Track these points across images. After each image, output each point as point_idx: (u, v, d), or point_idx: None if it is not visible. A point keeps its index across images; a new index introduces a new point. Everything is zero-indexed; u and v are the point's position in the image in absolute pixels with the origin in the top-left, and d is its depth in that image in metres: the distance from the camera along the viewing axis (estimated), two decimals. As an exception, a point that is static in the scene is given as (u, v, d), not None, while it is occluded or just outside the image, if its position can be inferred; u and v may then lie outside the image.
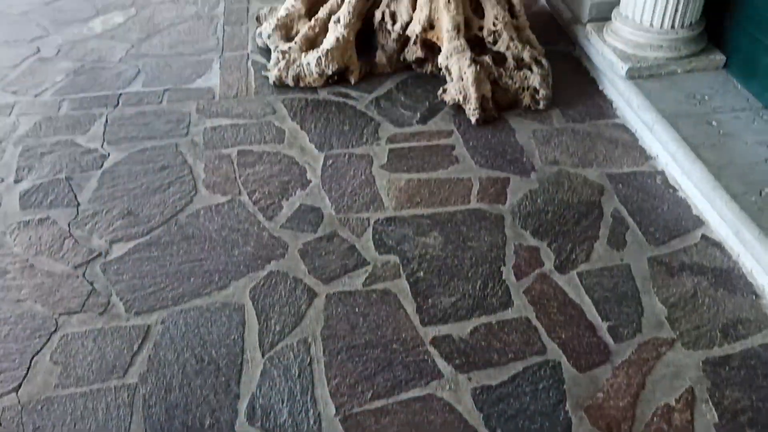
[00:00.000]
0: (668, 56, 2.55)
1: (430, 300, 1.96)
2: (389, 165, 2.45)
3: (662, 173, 2.35)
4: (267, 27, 3.04)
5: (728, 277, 1.99)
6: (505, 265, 2.06)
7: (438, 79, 2.81)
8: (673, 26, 2.51)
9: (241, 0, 3.52)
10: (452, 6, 2.66)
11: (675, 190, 2.28)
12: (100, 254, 2.12)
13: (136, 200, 2.31)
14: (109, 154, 2.51)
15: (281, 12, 3.04)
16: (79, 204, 2.30)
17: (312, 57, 2.80)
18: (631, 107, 2.51)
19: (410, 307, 1.95)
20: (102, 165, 2.46)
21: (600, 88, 2.76)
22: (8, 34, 3.24)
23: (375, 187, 2.35)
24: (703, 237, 2.12)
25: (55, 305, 1.96)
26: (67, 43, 3.17)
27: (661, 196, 2.26)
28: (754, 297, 1.93)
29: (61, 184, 2.38)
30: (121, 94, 2.82)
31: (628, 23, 2.59)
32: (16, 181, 2.39)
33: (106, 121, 2.67)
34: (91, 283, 2.02)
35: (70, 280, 2.04)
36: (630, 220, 2.18)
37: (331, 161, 2.47)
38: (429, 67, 2.90)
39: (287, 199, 2.31)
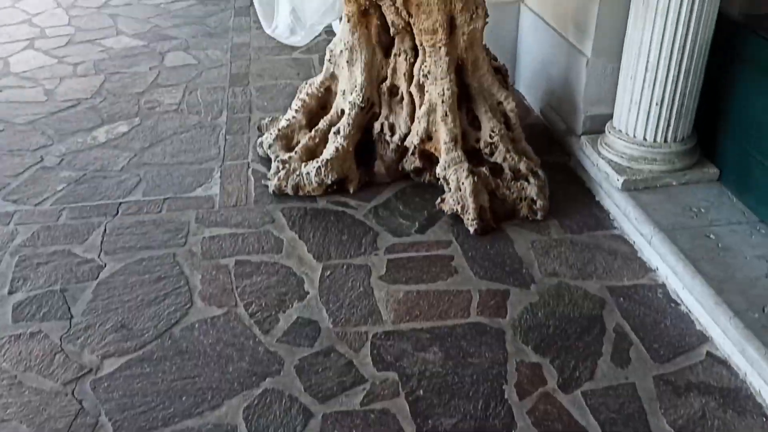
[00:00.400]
0: (663, 169, 2.59)
1: (430, 421, 1.89)
2: (388, 276, 2.43)
3: (663, 287, 2.33)
4: (268, 137, 3.10)
5: (736, 397, 1.93)
6: (507, 383, 2.00)
7: (436, 188, 2.84)
8: (666, 140, 2.57)
9: (243, 110, 3.60)
10: (449, 119, 2.73)
11: (677, 304, 2.26)
12: (90, 370, 2.06)
13: (131, 313, 2.28)
14: (105, 265, 2.49)
15: (282, 123, 3.11)
16: (72, 317, 2.26)
17: (312, 167, 2.84)
18: (629, 219, 2.52)
19: (409, 428, 1.88)
20: (98, 276, 2.44)
21: (597, 198, 2.78)
22: (13, 144, 3.29)
23: (373, 299, 2.33)
24: (709, 354, 2.08)
25: (41, 426, 1.89)
26: (70, 152, 3.22)
27: (663, 311, 2.23)
28: (764, 419, 1.87)
29: (56, 296, 2.35)
30: (120, 203, 2.83)
31: (622, 137, 2.65)
32: (10, 293, 2.37)
33: (105, 230, 2.67)
34: (80, 402, 1.96)
35: (58, 398, 1.97)
36: (633, 335, 2.14)
37: (329, 272, 2.45)
38: (427, 177, 2.94)
39: (284, 312, 2.28)
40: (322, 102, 3.10)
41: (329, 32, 4.02)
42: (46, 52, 4.35)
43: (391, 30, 2.81)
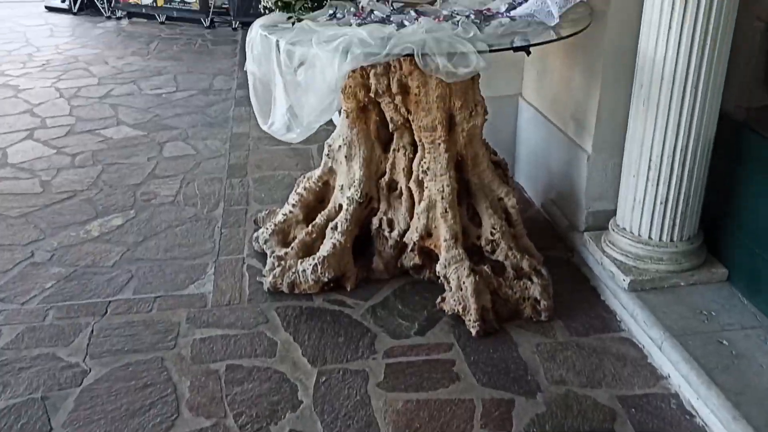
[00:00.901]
0: (670, 269, 2.51)
1: None
2: (386, 383, 2.31)
3: (676, 396, 2.21)
4: (264, 232, 3.03)
5: None
6: (514, 507, 1.86)
7: (436, 285, 2.75)
8: (672, 239, 2.50)
9: (240, 202, 3.56)
10: (449, 216, 2.67)
11: (692, 416, 2.13)
12: (66, 491, 1.93)
13: (114, 424, 2.15)
14: (90, 370, 2.38)
15: (279, 217, 3.05)
16: (51, 429, 2.14)
17: (308, 264, 2.76)
18: (637, 322, 2.43)
19: None
20: (81, 382, 2.32)
21: (602, 298, 2.69)
22: (5, 238, 3.22)
23: (371, 409, 2.20)
24: (729, 473, 1.94)
25: None
26: (62, 247, 3.15)
27: (678, 424, 2.11)
28: None
29: (36, 405, 2.23)
30: (110, 302, 2.74)
31: (626, 235, 2.59)
32: (-12, 402, 2.25)
33: (92, 331, 2.57)
34: None
35: None
36: (647, 452, 2.02)
37: (324, 378, 2.34)
38: (427, 273, 2.85)
39: (276, 423, 2.16)
40: (320, 196, 3.05)
41: (328, 122, 4.04)
42: (45, 142, 4.34)
43: (390, 126, 2.79)
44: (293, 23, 2.64)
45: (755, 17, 2.74)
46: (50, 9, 8.31)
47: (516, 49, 2.35)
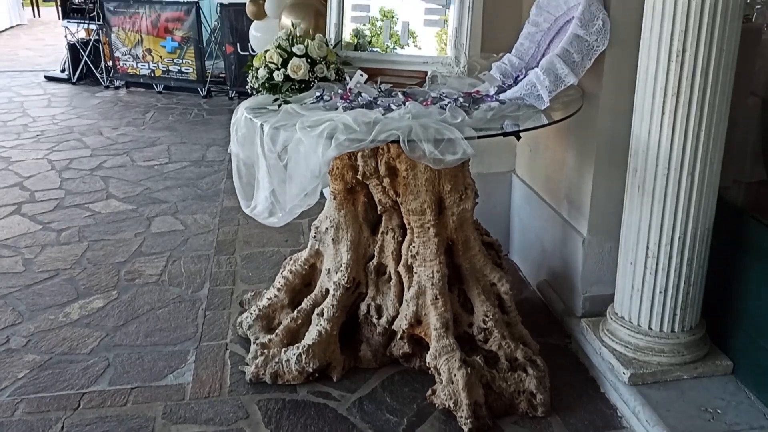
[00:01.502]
0: (672, 362, 2.38)
1: None
2: (371, 488, 2.16)
3: (683, 506, 2.05)
4: (248, 317, 2.91)
5: None
6: None
7: (426, 376, 2.61)
8: (673, 330, 2.38)
9: (226, 281, 3.45)
10: (440, 303, 2.56)
11: None
12: None
13: None
14: (56, 473, 2.23)
15: (263, 301, 2.94)
16: None
17: (292, 353, 2.63)
18: (639, 420, 2.28)
19: None
20: (45, 487, 2.17)
21: (602, 390, 2.55)
22: (-21, 322, 3.11)
23: None
24: None
25: None
26: (39, 331, 3.03)
27: None
28: None
29: None
30: (83, 394, 2.60)
31: (625, 324, 2.47)
32: None
33: (62, 428, 2.42)
34: None
35: None
36: None
37: (305, 482, 2.18)
38: (417, 362, 2.72)
39: None
40: (307, 279, 2.95)
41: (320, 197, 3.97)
42: (32, 217, 4.27)
43: (379, 208, 2.71)
44: (279, 105, 2.59)
45: (750, 92, 2.70)
46: (50, 79, 8.40)
47: (506, 134, 2.28)
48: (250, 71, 2.83)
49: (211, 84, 7.58)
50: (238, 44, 7.08)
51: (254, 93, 2.83)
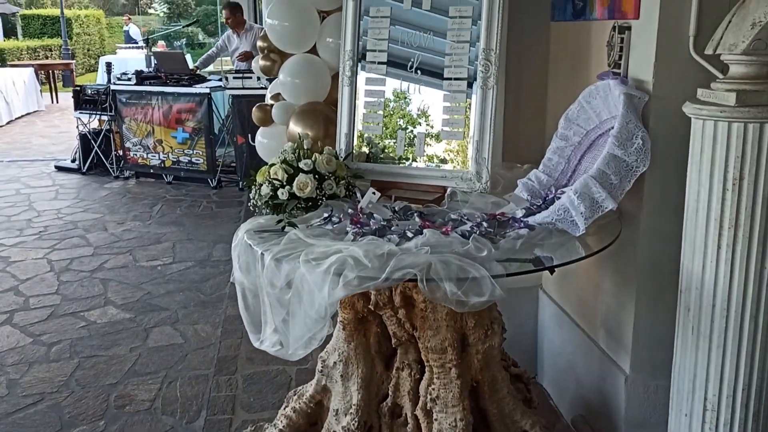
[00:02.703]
0: None
1: None
2: None
3: None
4: (246, 461, 2.59)
5: None
6: None
7: None
8: (740, 497, 2.02)
9: (225, 409, 3.13)
10: (464, 454, 2.22)
11: None
12: None
13: None
14: None
15: (264, 443, 2.61)
16: None
17: None
18: None
19: None
20: None
21: None
22: (-53, 463, 2.80)
23: None
24: None
25: None
26: (12, 475, 2.71)
27: None
28: None
29: None
30: None
31: (681, 486, 2.11)
32: None
33: None
34: None
35: None
36: None
37: None
38: None
39: None
40: (313, 418, 2.63)
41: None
42: (23, 328, 4.00)
43: (393, 341, 2.41)
44: (283, 228, 2.35)
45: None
46: (60, 169, 8.32)
47: (539, 270, 2.01)
48: (252, 187, 2.61)
49: (222, 174, 7.44)
50: (249, 135, 6.95)
51: (256, 211, 2.60)
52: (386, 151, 2.77)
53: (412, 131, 2.71)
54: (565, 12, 2.86)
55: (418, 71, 2.65)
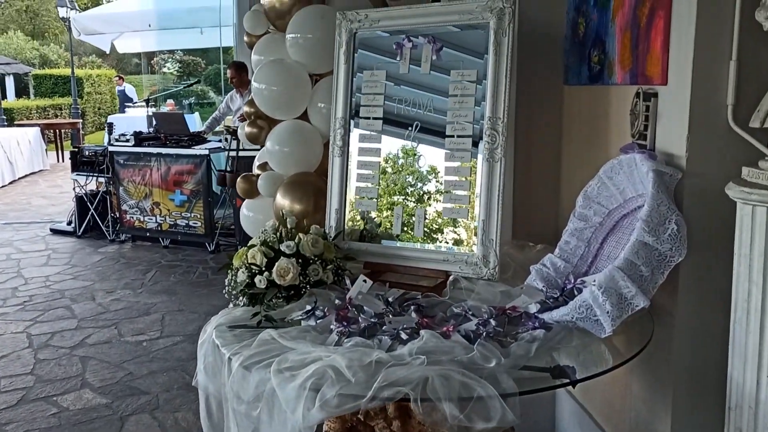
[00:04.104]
0: None
1: None
2: None
3: None
4: None
5: None
6: None
7: None
8: None
9: None
10: None
11: None
12: None
13: None
14: None
15: None
16: None
17: None
18: None
19: None
20: None
21: None
22: None
23: None
24: None
25: None
26: None
27: None
28: None
29: None
30: None
31: None
32: None
33: None
34: None
35: None
36: None
37: None
38: None
39: None
40: None
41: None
42: (-12, 416, 3.65)
43: (387, 454, 2.06)
44: (259, 323, 2.03)
45: None
46: (55, 232, 8.07)
47: (558, 387, 1.67)
48: (229, 272, 2.31)
49: (221, 237, 7.16)
50: (248, 198, 6.70)
51: (232, 300, 2.29)
52: (382, 225, 2.47)
53: (408, 204, 2.42)
54: (580, 75, 2.59)
55: (419, 129, 2.40)
